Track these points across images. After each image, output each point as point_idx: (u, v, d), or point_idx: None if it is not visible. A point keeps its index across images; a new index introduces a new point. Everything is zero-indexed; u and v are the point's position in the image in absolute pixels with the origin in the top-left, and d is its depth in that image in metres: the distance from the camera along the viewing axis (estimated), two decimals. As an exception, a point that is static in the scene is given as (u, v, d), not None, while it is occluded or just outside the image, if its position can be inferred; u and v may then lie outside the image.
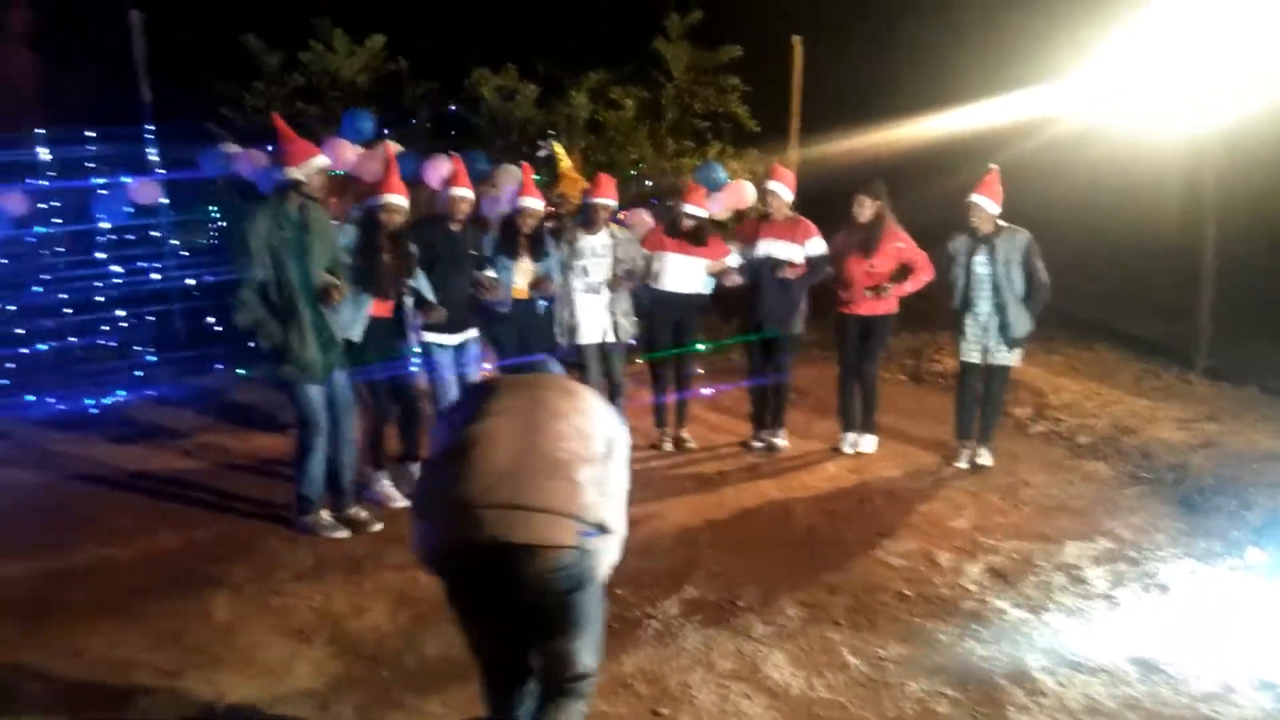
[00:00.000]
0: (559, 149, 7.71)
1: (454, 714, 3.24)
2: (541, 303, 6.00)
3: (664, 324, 6.34)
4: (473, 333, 5.69)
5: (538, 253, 5.88)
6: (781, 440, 6.41)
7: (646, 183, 8.77)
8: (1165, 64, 7.91)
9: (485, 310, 5.76)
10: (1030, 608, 4.03)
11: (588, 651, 2.53)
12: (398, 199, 5.08)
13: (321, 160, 4.63)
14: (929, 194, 6.52)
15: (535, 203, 5.79)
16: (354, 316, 4.98)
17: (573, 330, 6.06)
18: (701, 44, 9.50)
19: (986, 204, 5.71)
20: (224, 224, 9.00)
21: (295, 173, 4.51)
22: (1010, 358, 5.87)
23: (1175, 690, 3.39)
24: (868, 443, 6.35)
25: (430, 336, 5.50)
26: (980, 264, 5.76)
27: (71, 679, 3.44)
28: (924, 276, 6.00)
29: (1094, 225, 10.83)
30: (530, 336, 5.95)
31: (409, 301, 5.28)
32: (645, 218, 7.68)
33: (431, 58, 9.51)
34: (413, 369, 5.55)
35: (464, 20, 12.43)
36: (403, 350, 5.35)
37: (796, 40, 9.18)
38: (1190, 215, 9.35)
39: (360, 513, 4.97)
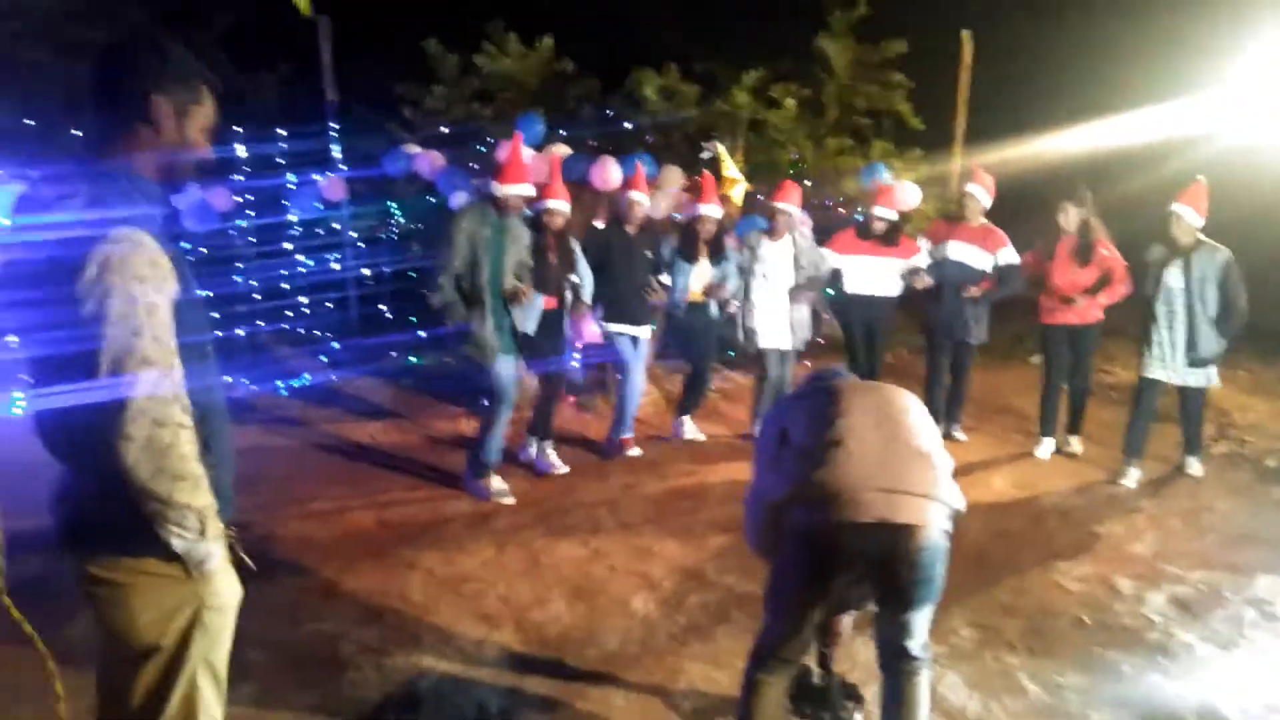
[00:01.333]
0: (721, 151, 7.79)
1: (636, 706, 3.41)
2: (714, 306, 6.23)
3: (856, 325, 6.59)
4: (648, 328, 6.20)
5: (715, 257, 6.19)
6: (960, 434, 6.71)
7: (805, 182, 8.73)
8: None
9: (668, 315, 6.28)
10: (1220, 643, 3.89)
11: (927, 623, 2.76)
12: (559, 204, 5.57)
13: (526, 190, 5.19)
14: (1101, 203, 6.31)
15: (713, 209, 6.05)
16: (529, 312, 5.46)
17: (751, 334, 6.32)
18: (865, 39, 9.37)
19: (1188, 214, 5.55)
20: (403, 218, 9.51)
21: (500, 190, 5.11)
22: (1198, 377, 5.69)
23: (1385, 744, 3.23)
24: (1076, 444, 6.46)
25: (614, 327, 6.02)
26: (1173, 277, 5.62)
27: (289, 649, 3.79)
28: (1121, 289, 5.98)
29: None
30: (702, 338, 6.34)
31: (569, 296, 5.76)
32: (677, 176, 7.69)
33: (594, 57, 9.75)
34: (572, 356, 6.22)
35: (625, 20, 12.64)
36: (565, 338, 5.90)
37: (966, 35, 8.94)
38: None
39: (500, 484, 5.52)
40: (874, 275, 6.46)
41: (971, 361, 6.71)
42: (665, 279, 6.08)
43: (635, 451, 6.28)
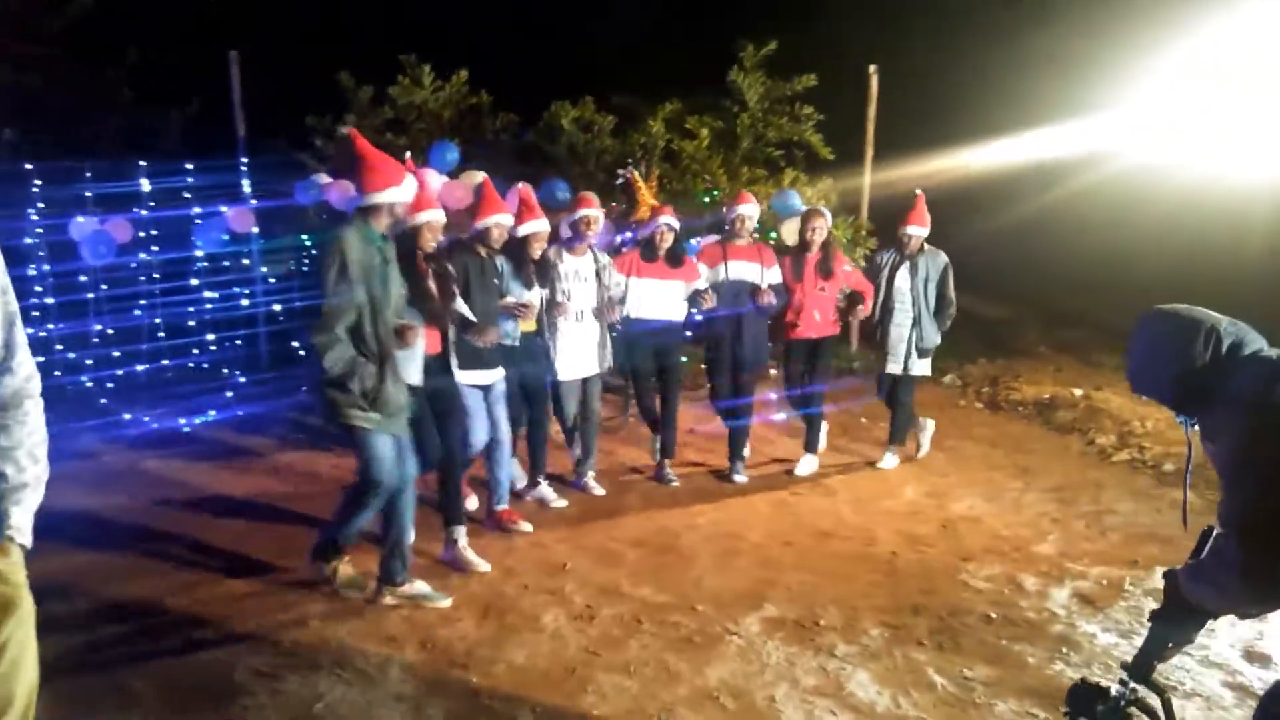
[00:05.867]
0: (637, 177, 7.86)
1: (544, 718, 3.31)
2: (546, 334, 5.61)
3: (646, 352, 6.03)
4: (500, 372, 5.14)
5: (544, 279, 5.53)
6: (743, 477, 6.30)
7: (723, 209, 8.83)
8: (1238, 98, 7.80)
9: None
10: (1121, 632, 3.97)
11: None
12: (434, 214, 4.48)
13: (412, 180, 4.15)
14: (996, 221, 6.59)
15: (541, 225, 5.31)
16: (411, 359, 4.34)
17: (550, 365, 5.64)
18: (776, 73, 9.59)
19: (918, 231, 6.28)
20: (315, 251, 9.35)
21: (381, 197, 3.98)
22: (923, 367, 6.42)
23: (1277, 718, 3.29)
24: (807, 463, 6.43)
25: (464, 377, 4.87)
26: (902, 279, 6.26)
27: (176, 678, 3.59)
28: (871, 295, 6.35)
29: (1180, 255, 10.59)
30: (529, 374, 5.49)
31: (452, 331, 4.77)
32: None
33: (511, 91, 9.78)
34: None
35: (542, 55, 12.77)
36: (454, 388, 4.82)
37: (871, 69, 9.23)
38: (1278, 247, 9.12)
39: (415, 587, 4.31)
40: (660, 299, 5.93)
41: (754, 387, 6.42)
42: (516, 297, 5.22)
43: (526, 527, 5.26)
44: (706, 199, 8.88)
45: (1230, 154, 7.97)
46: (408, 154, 6.81)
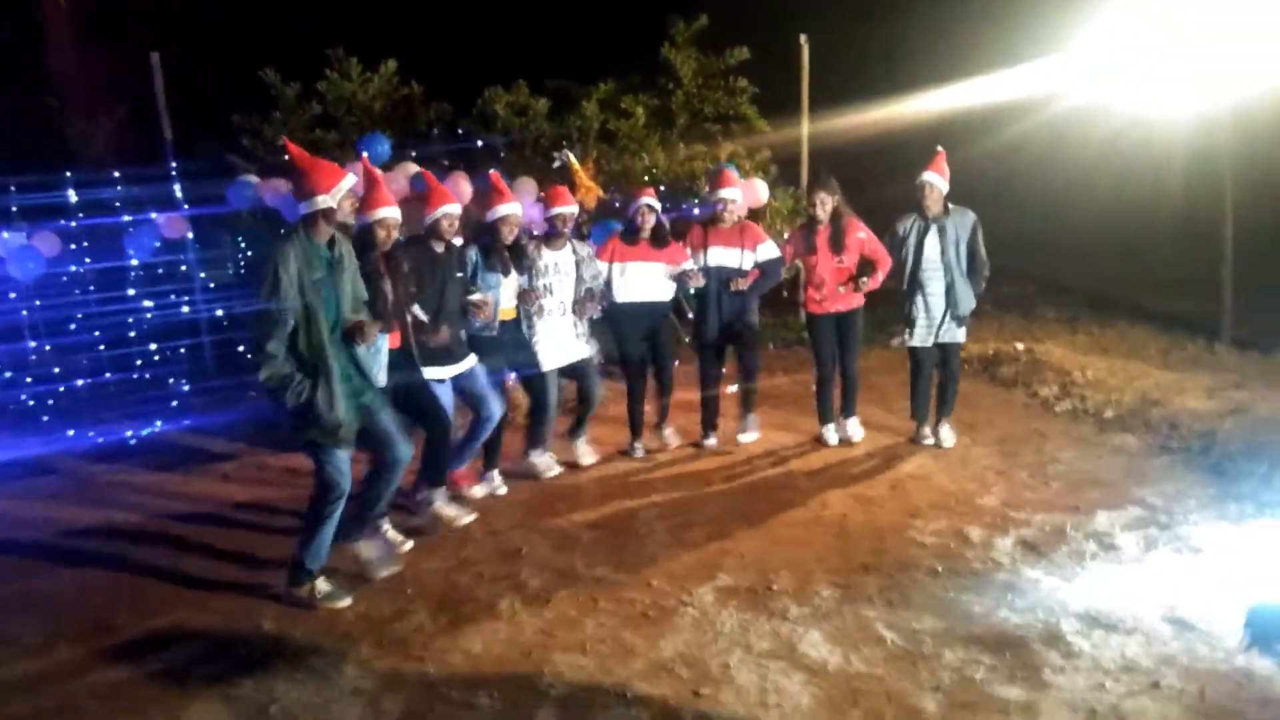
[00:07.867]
0: (572, 160, 7.82)
1: (502, 705, 3.32)
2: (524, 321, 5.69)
3: (635, 335, 6.09)
4: (472, 359, 5.22)
5: (521, 265, 5.56)
6: (755, 433, 6.44)
7: (660, 187, 8.84)
8: (1171, 42, 7.95)
9: (471, 338, 5.34)
10: (1063, 576, 4.07)
11: None
12: (389, 211, 4.53)
13: (350, 180, 4.17)
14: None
15: (514, 208, 5.41)
16: (375, 358, 4.52)
17: (534, 354, 5.69)
18: (708, 48, 9.60)
19: (939, 182, 5.82)
20: (251, 253, 9.18)
21: (306, 206, 4.02)
22: (961, 334, 6.02)
23: (1211, 646, 3.41)
24: (855, 428, 6.41)
25: (429, 372, 4.91)
26: (931, 245, 5.87)
27: (129, 689, 3.55)
28: (887, 264, 6.05)
29: (1104, 203, 10.78)
30: (519, 361, 5.63)
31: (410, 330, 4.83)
32: (531, 188, 7.39)
33: (443, 80, 9.67)
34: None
35: (473, 42, 12.63)
36: (422, 379, 4.89)
37: (802, 39, 9.27)
38: (1195, 191, 9.33)
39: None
40: (646, 281, 6.00)
41: (758, 362, 6.41)
42: (479, 295, 5.22)
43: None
44: (645, 179, 8.88)
45: (1154, 93, 8.13)
46: (364, 153, 6.69)
